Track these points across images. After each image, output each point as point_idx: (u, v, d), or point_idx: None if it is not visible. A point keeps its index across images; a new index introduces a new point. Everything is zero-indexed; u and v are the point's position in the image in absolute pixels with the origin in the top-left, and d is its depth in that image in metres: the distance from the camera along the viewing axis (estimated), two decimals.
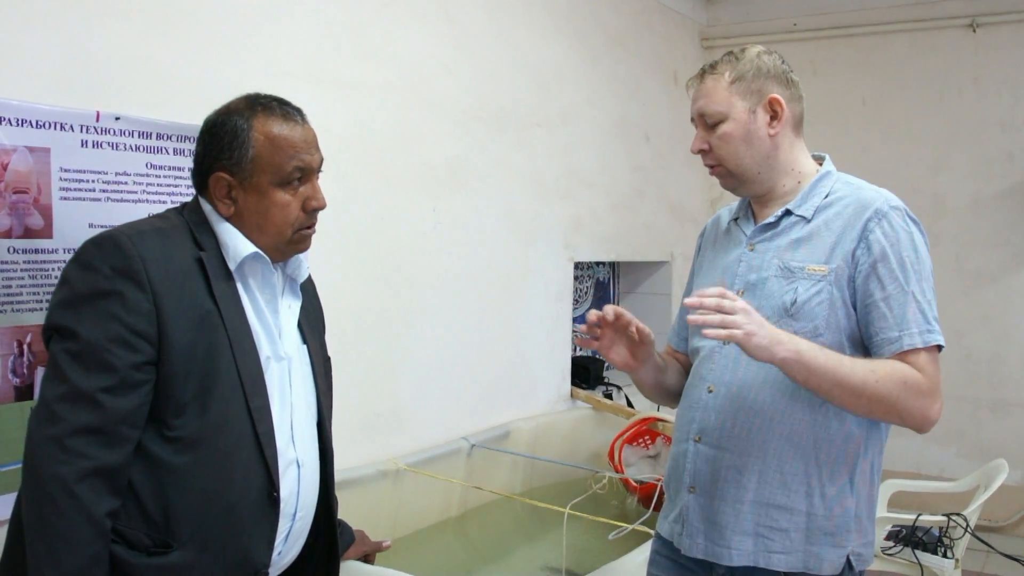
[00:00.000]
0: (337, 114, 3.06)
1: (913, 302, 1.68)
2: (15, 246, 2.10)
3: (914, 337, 1.66)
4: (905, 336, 1.67)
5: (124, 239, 1.58)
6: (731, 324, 1.57)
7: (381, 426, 3.32)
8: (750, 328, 1.58)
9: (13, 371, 2.11)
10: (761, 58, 1.82)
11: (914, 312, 1.67)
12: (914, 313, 1.67)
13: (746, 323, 1.58)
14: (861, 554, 1.77)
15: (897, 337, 1.67)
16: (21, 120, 2.10)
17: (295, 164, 1.70)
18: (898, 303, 1.67)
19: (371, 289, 3.27)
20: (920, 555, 3.29)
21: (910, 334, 1.67)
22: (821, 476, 1.74)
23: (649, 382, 1.97)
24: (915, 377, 1.64)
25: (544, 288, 4.23)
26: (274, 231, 1.72)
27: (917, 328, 1.67)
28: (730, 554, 1.76)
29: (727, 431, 1.78)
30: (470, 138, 3.71)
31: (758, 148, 1.80)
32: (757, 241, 1.84)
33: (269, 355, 1.72)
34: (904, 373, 1.64)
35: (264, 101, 1.73)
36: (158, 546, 1.59)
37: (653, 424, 3.96)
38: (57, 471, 1.48)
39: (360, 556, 2.18)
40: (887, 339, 1.68)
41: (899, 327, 1.67)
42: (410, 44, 3.38)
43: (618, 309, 1.81)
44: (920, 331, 1.67)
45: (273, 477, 1.67)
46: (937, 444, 5.03)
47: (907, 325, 1.67)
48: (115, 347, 1.53)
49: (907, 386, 1.64)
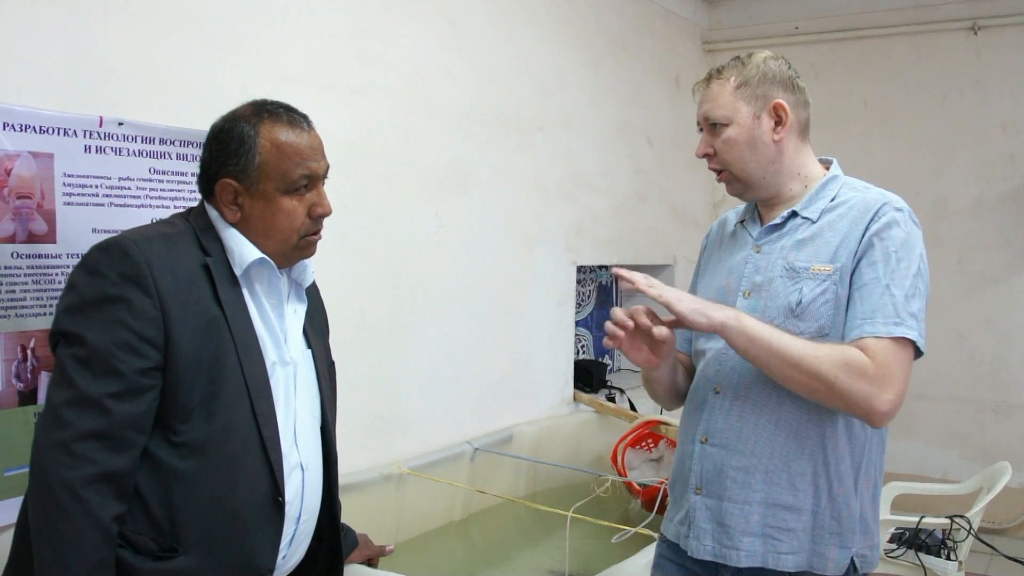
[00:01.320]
0: (339, 118, 3.06)
1: (887, 296, 1.65)
2: (19, 251, 2.10)
3: (876, 326, 1.64)
4: (867, 324, 1.65)
5: (131, 245, 1.59)
6: (656, 286, 1.67)
7: (384, 430, 3.32)
8: (676, 293, 1.68)
9: (17, 376, 2.11)
10: (767, 63, 1.82)
11: (884, 304, 1.65)
12: (884, 305, 1.65)
13: (677, 293, 1.68)
14: (866, 556, 1.77)
15: (859, 324, 1.65)
16: (25, 125, 2.10)
17: (301, 171, 1.70)
18: (870, 293, 1.66)
19: (374, 293, 3.27)
20: (923, 557, 3.29)
21: (872, 322, 1.64)
22: (828, 476, 1.74)
23: (665, 382, 1.95)
24: (859, 359, 1.61)
25: (546, 292, 4.23)
26: (280, 237, 1.72)
27: (883, 319, 1.64)
28: (739, 555, 1.76)
29: (734, 431, 1.78)
30: (472, 142, 3.71)
31: (762, 153, 1.81)
32: (763, 242, 1.84)
33: (275, 361, 1.73)
34: (848, 354, 1.62)
35: (271, 108, 1.74)
36: (164, 550, 1.59)
37: (656, 427, 3.96)
38: (64, 476, 1.49)
39: (363, 560, 2.19)
40: (850, 327, 1.67)
41: (863, 316, 1.66)
42: (412, 48, 3.39)
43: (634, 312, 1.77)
44: (885, 322, 1.64)
45: (278, 482, 1.68)
46: (940, 446, 5.02)
47: (872, 315, 1.65)
48: (122, 353, 1.54)
49: (848, 367, 1.60)
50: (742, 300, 1.82)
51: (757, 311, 1.77)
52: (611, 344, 1.79)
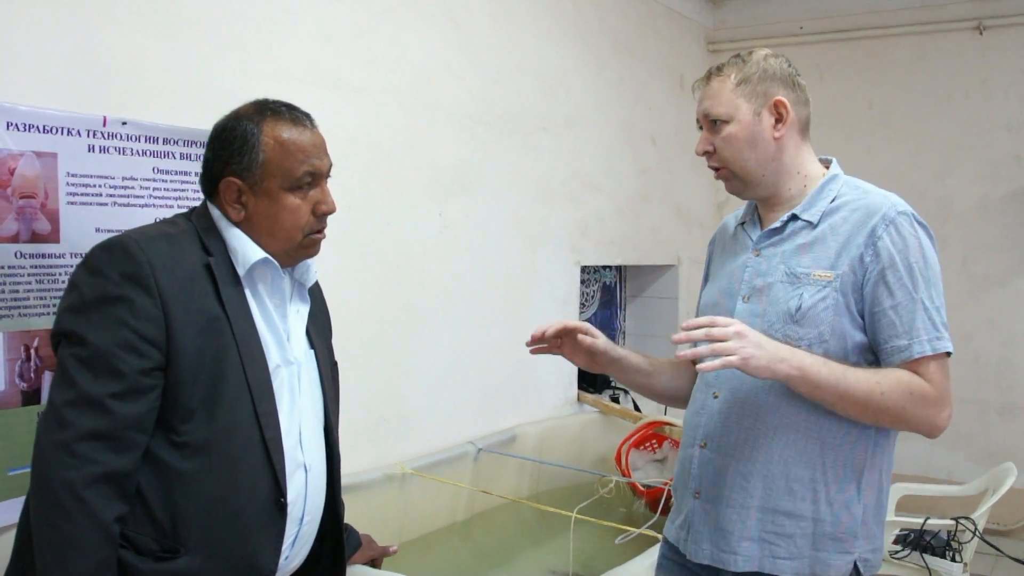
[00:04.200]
0: (343, 119, 3.06)
1: (922, 309, 1.67)
2: (22, 251, 2.10)
3: (923, 345, 1.66)
4: (915, 344, 1.66)
5: (133, 245, 1.59)
6: (724, 351, 1.57)
7: (387, 430, 3.32)
8: (746, 352, 1.57)
9: (20, 375, 2.11)
10: (767, 61, 1.81)
11: (923, 319, 1.67)
12: (923, 320, 1.67)
13: (741, 347, 1.57)
14: (869, 560, 1.76)
15: (907, 345, 1.66)
16: (28, 125, 2.10)
17: (305, 168, 1.71)
18: (907, 311, 1.67)
19: (377, 293, 3.27)
20: (928, 559, 3.28)
21: (920, 342, 1.66)
22: (827, 482, 1.73)
23: (633, 385, 2.03)
24: (922, 387, 1.64)
25: (551, 292, 4.23)
26: (285, 236, 1.72)
27: (927, 336, 1.66)
28: (736, 560, 1.76)
29: (732, 437, 1.78)
30: (476, 142, 3.71)
31: (762, 151, 1.80)
32: (763, 246, 1.84)
33: (279, 363, 1.73)
34: (911, 384, 1.64)
35: (273, 106, 1.74)
36: (166, 551, 1.59)
37: (660, 428, 3.96)
38: (66, 476, 1.49)
39: (367, 561, 2.18)
40: (896, 347, 1.67)
41: (908, 335, 1.67)
42: (416, 49, 3.39)
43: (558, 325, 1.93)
44: (929, 338, 1.66)
45: (280, 483, 1.68)
46: (945, 447, 5.01)
47: (916, 333, 1.66)
48: (124, 353, 1.54)
49: (913, 397, 1.64)
50: (741, 304, 1.81)
51: (756, 315, 1.77)
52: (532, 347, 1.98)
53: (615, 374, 1.99)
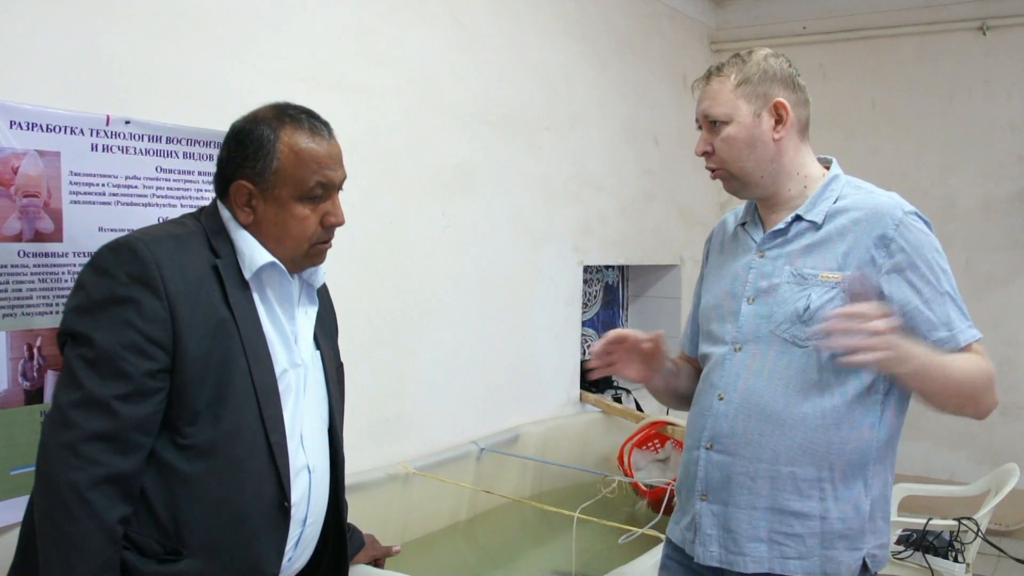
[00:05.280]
0: (346, 118, 3.03)
1: (950, 301, 1.72)
2: (25, 250, 2.10)
3: (965, 332, 1.71)
4: (958, 333, 1.71)
5: (140, 245, 1.58)
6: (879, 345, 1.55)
7: (390, 430, 3.32)
8: (890, 354, 1.58)
9: (23, 375, 2.11)
10: (768, 61, 1.81)
11: (954, 311, 1.72)
12: (955, 311, 1.72)
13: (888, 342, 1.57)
14: (876, 556, 1.77)
15: (950, 336, 1.70)
16: (31, 124, 2.10)
17: (318, 179, 1.69)
18: (938, 305, 1.71)
19: (380, 293, 3.27)
20: (931, 559, 3.27)
21: (961, 331, 1.71)
22: (834, 480, 1.73)
23: (661, 387, 2.00)
24: (991, 370, 1.71)
25: (553, 292, 4.23)
26: (291, 244, 1.71)
27: (962, 324, 1.72)
28: (745, 561, 1.76)
29: (739, 437, 1.77)
30: (479, 142, 3.71)
31: (762, 152, 1.79)
32: (767, 248, 1.83)
33: (286, 366, 1.72)
34: (979, 364, 1.70)
35: (292, 112, 1.71)
36: (169, 553, 1.59)
37: (662, 428, 3.96)
38: (70, 477, 1.49)
39: (370, 560, 2.18)
40: (939, 339, 1.70)
41: (947, 327, 1.71)
42: (418, 48, 3.38)
43: (620, 333, 1.86)
44: (968, 326, 1.72)
45: (285, 487, 1.67)
46: (948, 448, 5.01)
47: (953, 324, 1.71)
48: (130, 354, 1.53)
49: (988, 377, 1.70)
50: (747, 306, 1.81)
51: (763, 317, 1.76)
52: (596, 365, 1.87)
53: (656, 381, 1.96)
